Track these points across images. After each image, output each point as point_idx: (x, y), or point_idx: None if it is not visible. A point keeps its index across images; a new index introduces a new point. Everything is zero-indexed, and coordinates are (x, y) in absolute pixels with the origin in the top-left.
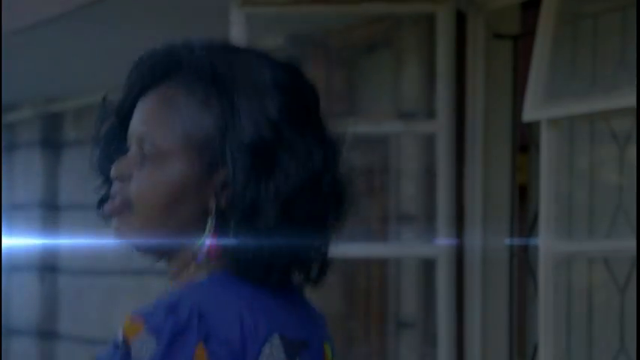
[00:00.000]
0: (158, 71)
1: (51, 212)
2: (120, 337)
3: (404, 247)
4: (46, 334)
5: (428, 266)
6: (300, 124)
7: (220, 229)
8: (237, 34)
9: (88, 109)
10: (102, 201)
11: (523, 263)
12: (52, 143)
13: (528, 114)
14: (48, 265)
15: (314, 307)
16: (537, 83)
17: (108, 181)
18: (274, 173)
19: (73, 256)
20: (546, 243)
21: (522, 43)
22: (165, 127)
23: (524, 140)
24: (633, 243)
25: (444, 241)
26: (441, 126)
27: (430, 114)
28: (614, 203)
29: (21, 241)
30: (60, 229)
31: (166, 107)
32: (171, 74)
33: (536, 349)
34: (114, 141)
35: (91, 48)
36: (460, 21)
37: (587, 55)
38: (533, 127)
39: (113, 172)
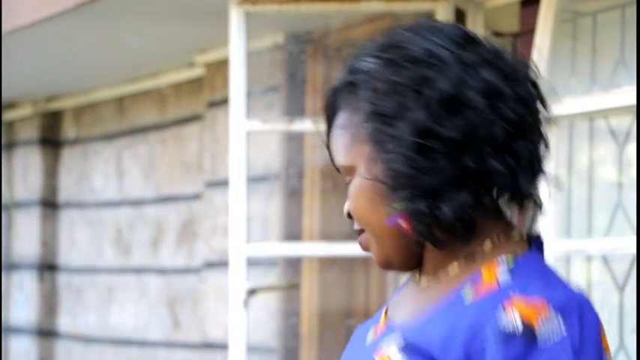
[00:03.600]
0: (331, 111)
1: (50, 210)
2: (513, 322)
3: None
4: (45, 332)
5: None
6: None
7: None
8: (236, 32)
9: (87, 107)
10: None
11: None
12: (51, 141)
13: None
14: (47, 264)
15: None
16: None
17: None
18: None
19: (72, 254)
20: (545, 240)
21: (521, 40)
22: (342, 151)
23: None
24: (632, 241)
25: None
26: None
27: None
28: (614, 201)
29: (20, 239)
30: (59, 228)
31: (341, 134)
32: (340, 105)
33: None
34: None
35: (90, 46)
36: (459, 19)
37: (586, 53)
38: None
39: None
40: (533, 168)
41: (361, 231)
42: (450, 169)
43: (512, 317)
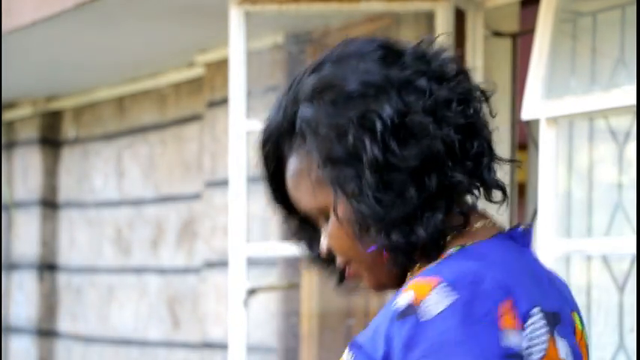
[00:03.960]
0: (273, 158)
1: (50, 210)
2: (405, 301)
3: None
4: (45, 332)
5: None
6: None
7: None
8: (236, 32)
9: (87, 107)
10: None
11: None
12: (51, 141)
13: (527, 112)
14: (47, 263)
15: (552, 270)
16: (536, 81)
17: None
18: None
19: (71, 253)
20: (545, 240)
21: (521, 41)
22: (307, 196)
23: (523, 138)
24: (632, 241)
25: None
26: None
27: None
28: (613, 201)
29: (20, 239)
30: (59, 227)
31: (300, 180)
32: (286, 151)
33: None
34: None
35: (90, 46)
36: (459, 19)
37: (586, 52)
38: (532, 125)
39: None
40: (491, 159)
41: (346, 263)
42: (417, 195)
43: (404, 297)
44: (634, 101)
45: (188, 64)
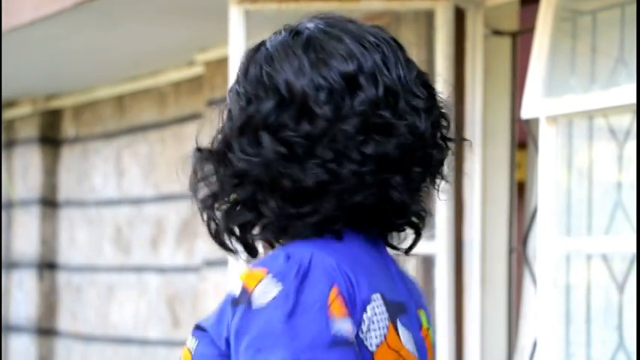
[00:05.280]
0: None
1: (50, 209)
2: (237, 290)
3: (403, 244)
4: (45, 331)
5: (427, 263)
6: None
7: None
8: (236, 30)
9: (86, 105)
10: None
11: (522, 260)
12: (51, 140)
13: (527, 111)
14: (47, 262)
15: (407, 273)
16: (536, 80)
17: None
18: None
19: (71, 252)
20: (545, 239)
21: (521, 39)
22: None
23: (523, 137)
24: (632, 240)
25: (443, 237)
26: None
27: None
28: (613, 200)
29: (20, 237)
30: (59, 226)
31: None
32: None
33: (534, 345)
34: None
35: (89, 45)
36: (459, 18)
37: (586, 51)
38: (531, 124)
39: None
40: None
41: None
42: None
43: (237, 285)
44: (634, 100)
45: (188, 63)
